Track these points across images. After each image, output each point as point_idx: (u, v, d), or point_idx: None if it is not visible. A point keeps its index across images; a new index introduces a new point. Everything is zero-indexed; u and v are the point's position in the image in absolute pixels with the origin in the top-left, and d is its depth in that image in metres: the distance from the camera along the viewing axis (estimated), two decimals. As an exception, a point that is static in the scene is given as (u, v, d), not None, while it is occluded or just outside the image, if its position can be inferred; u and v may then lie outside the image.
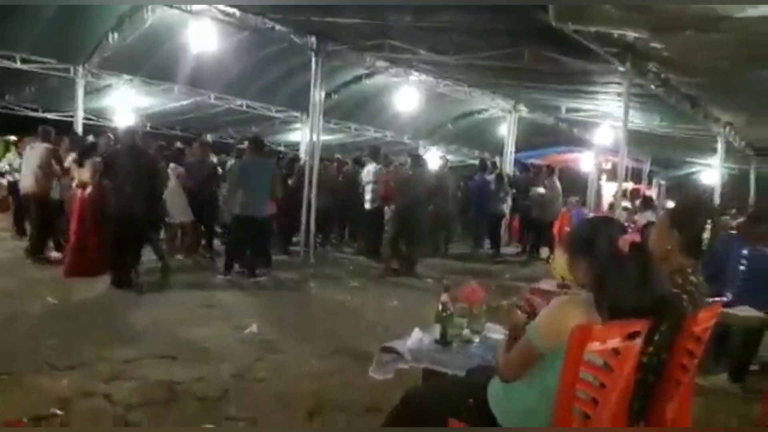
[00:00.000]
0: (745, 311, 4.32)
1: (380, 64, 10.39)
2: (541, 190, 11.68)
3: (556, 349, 1.89)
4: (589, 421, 1.94)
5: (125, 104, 13.39)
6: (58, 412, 3.31)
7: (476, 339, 3.06)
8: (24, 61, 10.57)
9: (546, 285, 4.79)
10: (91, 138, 9.43)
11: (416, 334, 3.05)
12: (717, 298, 2.94)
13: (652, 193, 19.58)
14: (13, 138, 17.28)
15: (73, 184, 7.36)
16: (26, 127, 17.36)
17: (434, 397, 2.33)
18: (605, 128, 13.09)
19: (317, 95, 9.51)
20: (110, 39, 10.39)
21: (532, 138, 16.22)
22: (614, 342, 1.90)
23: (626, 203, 13.64)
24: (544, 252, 11.80)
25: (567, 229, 13.86)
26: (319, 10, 7.44)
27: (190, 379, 3.91)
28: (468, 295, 3.17)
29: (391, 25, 7.52)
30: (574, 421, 1.92)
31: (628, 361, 1.95)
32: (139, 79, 12.09)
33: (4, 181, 11.56)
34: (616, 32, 5.24)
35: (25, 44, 10.11)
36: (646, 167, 19.93)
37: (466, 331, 3.08)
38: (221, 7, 8.29)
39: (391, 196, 9.46)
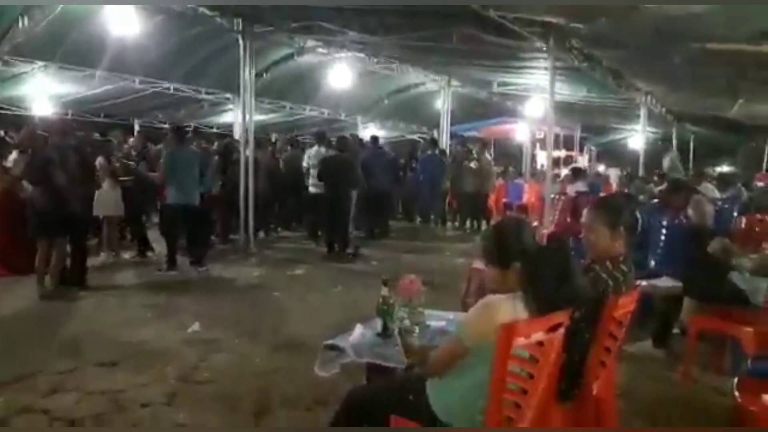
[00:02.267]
0: (664, 282, 4.63)
1: (310, 44, 10.26)
2: (474, 164, 11.95)
3: (485, 346, 2.01)
4: (519, 410, 2.07)
5: (42, 92, 12.72)
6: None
7: (416, 329, 3.15)
8: (-77, 49, 9.80)
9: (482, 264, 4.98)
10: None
11: (358, 329, 3.12)
12: (639, 281, 3.15)
13: (584, 158, 20.40)
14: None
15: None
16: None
17: (376, 394, 2.42)
18: (536, 100, 13.49)
19: (247, 76, 9.33)
20: (20, 24, 9.74)
21: (467, 111, 16.50)
22: (538, 335, 2.03)
23: (560, 170, 14.17)
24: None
25: (504, 200, 14.35)
26: (244, -7, 7.25)
27: (134, 385, 3.86)
28: (406, 287, 3.25)
29: (319, 7, 7.42)
30: (505, 410, 2.05)
31: (552, 350, 2.10)
32: (56, 65, 11.43)
33: None
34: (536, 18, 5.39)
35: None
36: (577, 134, 20.67)
37: (406, 323, 3.17)
38: (140, -10, 7.94)
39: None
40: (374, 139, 11.79)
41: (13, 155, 7.71)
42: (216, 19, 8.77)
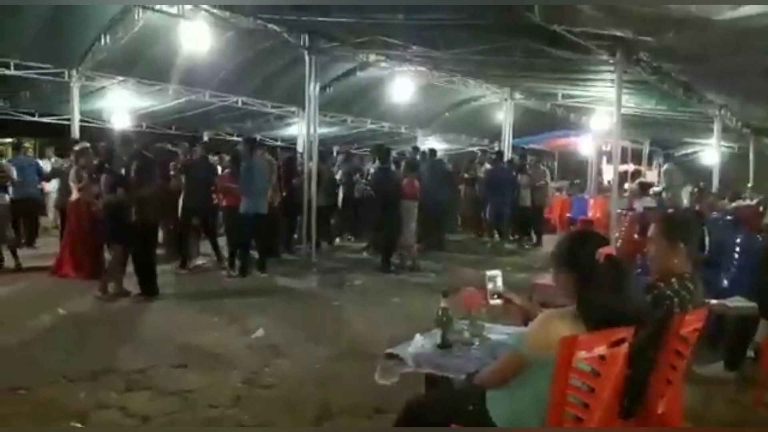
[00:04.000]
0: (736, 302, 4.44)
1: (372, 58, 10.45)
2: (528, 178, 11.74)
3: (545, 358, 2.01)
4: (581, 423, 2.06)
5: (120, 105, 13.47)
6: (78, 425, 3.44)
7: (476, 342, 3.17)
8: (18, 67, 10.61)
9: (546, 279, 4.93)
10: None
11: (418, 339, 3.15)
12: (710, 300, 3.05)
13: (653, 173, 19.73)
14: (9, 141, 17.38)
15: (74, 194, 7.51)
16: (23, 132, 17.60)
17: (436, 405, 2.46)
18: (602, 113, 13.19)
19: (312, 90, 9.60)
20: (103, 42, 10.43)
21: (529, 123, 16.29)
22: (600, 349, 2.02)
23: (628, 185, 13.72)
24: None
25: (567, 215, 14.04)
26: (311, 10, 7.48)
27: (202, 387, 4.04)
28: (466, 300, 3.27)
29: (382, 22, 7.57)
30: (567, 424, 2.04)
31: (614, 365, 2.08)
32: (133, 80, 12.14)
33: None
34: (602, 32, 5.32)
35: (18, 50, 10.14)
36: (646, 148, 20.04)
37: (466, 334, 3.19)
38: (212, 9, 8.33)
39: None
40: (432, 151, 11.82)
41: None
42: (283, 35, 9.07)
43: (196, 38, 8.66)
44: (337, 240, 11.54)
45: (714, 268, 5.21)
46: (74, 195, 7.62)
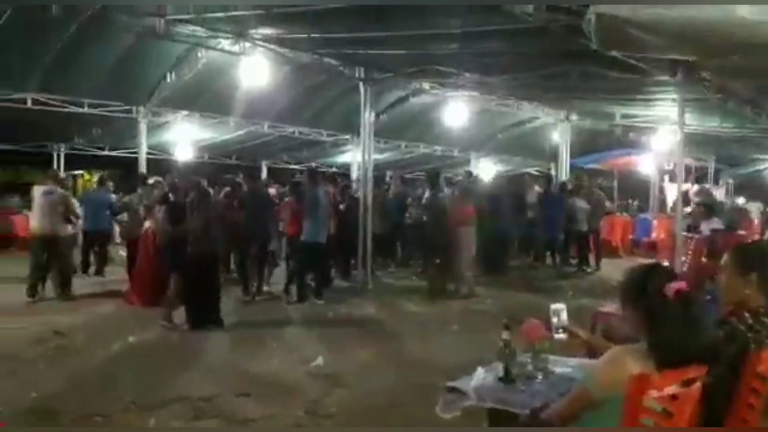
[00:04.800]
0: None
1: (426, 86, 10.58)
2: (583, 202, 11.42)
3: (614, 396, 1.97)
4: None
5: (184, 138, 14.10)
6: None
7: (540, 375, 3.11)
8: (90, 105, 11.30)
9: (609, 308, 4.81)
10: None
11: (479, 372, 3.13)
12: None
13: (720, 191, 18.93)
14: (80, 172, 18.46)
15: (146, 225, 7.87)
16: (93, 164, 18.65)
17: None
18: (663, 131, 12.82)
19: (366, 118, 9.80)
20: (168, 79, 11.01)
21: (586, 143, 16.00)
22: (672, 389, 1.96)
23: (691, 206, 13.19)
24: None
25: (630, 237, 13.60)
26: (365, 43, 7.66)
27: (266, 416, 4.12)
28: (529, 332, 3.23)
29: (436, 53, 7.67)
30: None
31: (687, 405, 2.01)
32: (196, 114, 12.72)
33: None
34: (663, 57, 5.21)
35: (90, 91, 10.83)
36: (711, 166, 19.30)
37: (529, 368, 3.14)
38: (270, 45, 8.66)
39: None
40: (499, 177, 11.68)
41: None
42: (339, 67, 9.33)
43: (255, 73, 8.99)
44: (392, 266, 11.57)
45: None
46: (145, 225, 7.98)
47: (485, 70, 8.50)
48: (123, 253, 10.43)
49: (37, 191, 8.45)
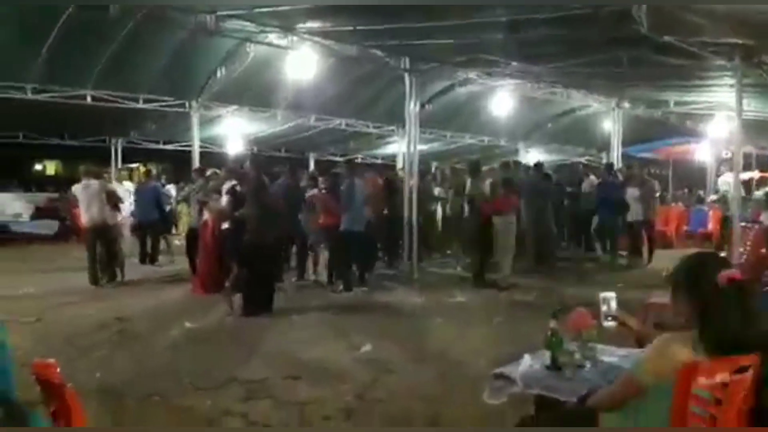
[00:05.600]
0: None
1: (472, 75, 10.51)
2: (636, 192, 11.08)
3: (663, 384, 1.97)
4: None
5: (234, 131, 14.44)
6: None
7: (588, 364, 3.10)
8: (146, 101, 11.72)
9: (661, 298, 4.71)
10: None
11: (526, 359, 3.15)
12: None
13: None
14: (136, 165, 19.16)
15: (205, 216, 8.15)
16: (149, 158, 19.33)
17: (546, 425, 2.45)
18: (720, 118, 12.35)
19: (412, 109, 9.82)
20: (218, 74, 11.32)
21: (639, 131, 15.54)
22: (722, 376, 1.95)
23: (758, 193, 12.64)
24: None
25: (685, 228, 13.17)
26: (411, 34, 7.68)
27: (316, 399, 4.25)
28: (576, 321, 3.22)
29: (482, 41, 7.61)
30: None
31: (737, 393, 1.98)
32: (246, 107, 13.01)
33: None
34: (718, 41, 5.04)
35: (145, 86, 11.25)
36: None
37: (577, 356, 3.13)
38: (317, 38, 8.78)
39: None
40: (537, 165, 11.57)
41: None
42: (384, 59, 9.37)
43: (302, 66, 9.17)
44: (438, 256, 11.59)
45: None
46: (205, 216, 8.26)
47: (532, 59, 8.40)
48: (178, 242, 10.85)
49: (77, 188, 8.93)
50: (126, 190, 11.41)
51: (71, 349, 5.44)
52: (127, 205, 10.60)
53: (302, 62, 9.15)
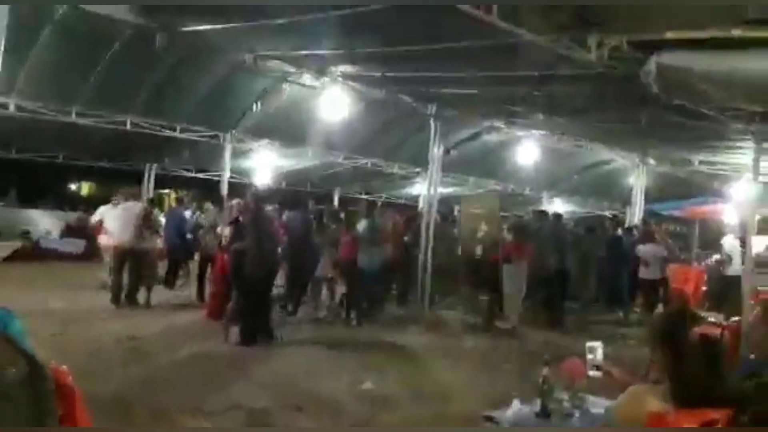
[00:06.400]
0: None
1: (498, 124, 10.75)
2: (651, 248, 10.99)
3: (634, 432, 2.06)
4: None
5: (265, 165, 14.86)
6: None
7: (577, 413, 3.16)
8: (182, 130, 12.20)
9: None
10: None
11: (515, 404, 3.22)
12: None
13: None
14: (166, 191, 19.74)
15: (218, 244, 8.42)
16: (180, 185, 19.92)
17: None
18: (745, 181, 12.26)
19: (435, 153, 10.07)
20: (253, 109, 11.77)
21: (664, 188, 15.51)
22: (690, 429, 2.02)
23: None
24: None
25: (704, 289, 12.90)
26: (438, 81, 7.97)
27: (314, 429, 4.34)
28: (569, 370, 3.29)
29: (508, 93, 7.86)
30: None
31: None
32: (277, 142, 13.43)
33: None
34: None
35: (182, 116, 11.75)
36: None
37: (566, 404, 3.19)
38: (349, 81, 9.15)
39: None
40: (556, 216, 11.60)
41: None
42: (411, 103, 9.69)
43: (334, 107, 9.51)
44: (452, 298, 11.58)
45: None
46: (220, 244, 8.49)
47: (556, 111, 8.60)
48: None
49: (106, 209, 9.20)
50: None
51: (86, 363, 5.62)
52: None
53: (333, 103, 9.49)
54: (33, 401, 0.65)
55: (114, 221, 9.08)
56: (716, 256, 12.75)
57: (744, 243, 12.79)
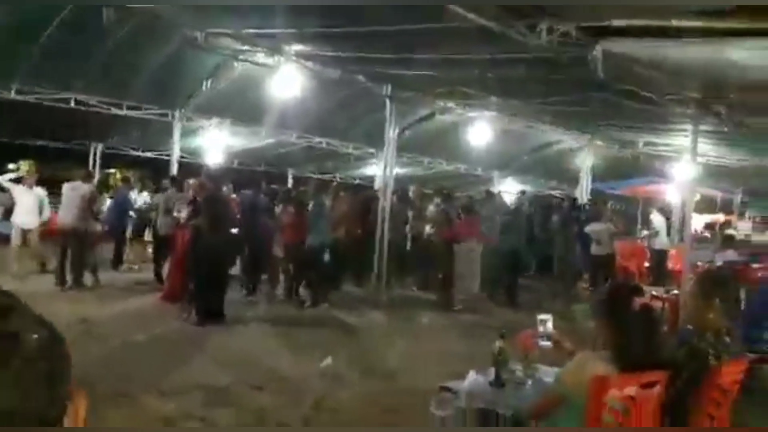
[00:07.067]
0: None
1: (452, 105, 10.90)
2: (601, 226, 11.48)
3: (578, 395, 2.23)
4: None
5: (216, 144, 14.57)
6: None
7: (529, 382, 3.35)
8: (129, 108, 11.83)
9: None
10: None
11: (471, 375, 3.38)
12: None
13: (747, 223, 18.78)
14: (112, 171, 19.15)
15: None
16: (127, 164, 19.35)
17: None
18: (685, 162, 12.86)
19: (391, 134, 10.14)
20: (204, 87, 11.51)
21: (610, 169, 16.10)
22: (631, 390, 2.21)
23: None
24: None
25: (646, 265, 13.58)
26: (393, 63, 8.01)
27: (276, 406, 4.43)
28: (522, 341, 3.48)
29: (461, 75, 7.98)
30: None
31: (645, 406, 2.25)
32: (229, 121, 13.19)
33: None
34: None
35: (130, 93, 11.37)
36: (737, 198, 19.19)
37: (519, 374, 3.38)
38: (303, 60, 9.08)
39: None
40: (522, 193, 11.84)
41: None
42: (366, 83, 9.70)
43: (287, 86, 9.42)
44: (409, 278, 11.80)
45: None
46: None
47: (509, 94, 8.79)
48: (149, 250, 10.91)
49: (67, 187, 8.93)
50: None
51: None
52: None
53: (287, 82, 9.40)
54: (51, 366, 0.71)
55: (64, 201, 8.81)
56: (645, 232, 13.45)
57: (669, 219, 13.61)
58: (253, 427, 3.82)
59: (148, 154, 16.93)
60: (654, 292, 6.15)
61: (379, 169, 13.64)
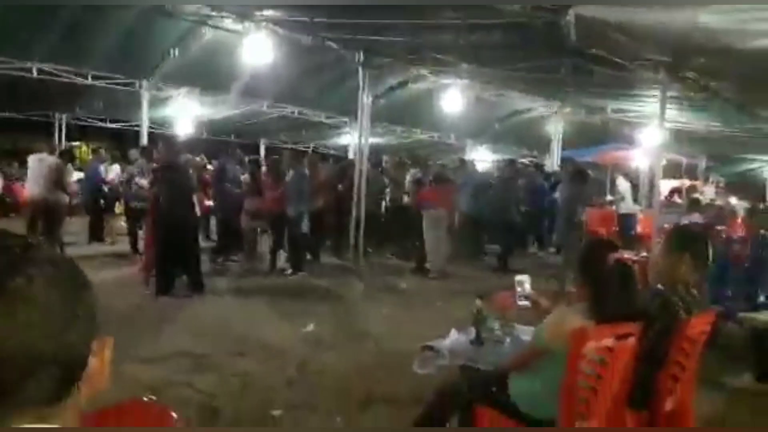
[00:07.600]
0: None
1: (424, 71, 10.87)
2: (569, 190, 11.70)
3: (558, 347, 2.34)
4: (589, 407, 2.37)
5: (185, 114, 14.30)
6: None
7: (507, 340, 3.48)
8: (94, 77, 11.49)
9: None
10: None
11: (453, 334, 3.50)
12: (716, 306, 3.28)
13: (710, 188, 19.32)
14: (77, 144, 18.67)
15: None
16: (94, 136, 18.88)
17: (462, 387, 2.80)
18: (653, 127, 13.10)
19: (364, 102, 10.09)
20: (172, 55, 11.21)
21: (580, 135, 16.32)
22: (608, 341, 2.33)
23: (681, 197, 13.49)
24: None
25: (615, 229, 13.94)
26: (365, 29, 7.94)
27: (260, 372, 4.50)
28: (499, 302, 3.60)
29: (434, 42, 7.96)
30: (577, 407, 2.35)
31: (621, 356, 2.38)
32: (198, 90, 12.92)
33: None
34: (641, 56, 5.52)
35: (95, 61, 11.03)
36: (702, 164, 19.69)
37: (497, 332, 3.51)
38: (274, 26, 8.92)
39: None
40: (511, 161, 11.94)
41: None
42: (339, 51, 9.59)
43: (257, 53, 9.25)
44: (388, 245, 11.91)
45: (753, 283, 5.37)
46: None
47: (480, 61, 8.81)
48: (123, 223, 10.76)
49: (32, 159, 8.74)
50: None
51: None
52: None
53: (257, 48, 9.22)
54: (72, 300, 0.74)
55: (30, 174, 8.64)
56: (609, 197, 13.82)
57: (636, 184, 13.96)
58: (253, 427, 3.88)
59: (115, 126, 16.53)
60: (626, 255, 6.33)
61: (353, 138, 13.60)
